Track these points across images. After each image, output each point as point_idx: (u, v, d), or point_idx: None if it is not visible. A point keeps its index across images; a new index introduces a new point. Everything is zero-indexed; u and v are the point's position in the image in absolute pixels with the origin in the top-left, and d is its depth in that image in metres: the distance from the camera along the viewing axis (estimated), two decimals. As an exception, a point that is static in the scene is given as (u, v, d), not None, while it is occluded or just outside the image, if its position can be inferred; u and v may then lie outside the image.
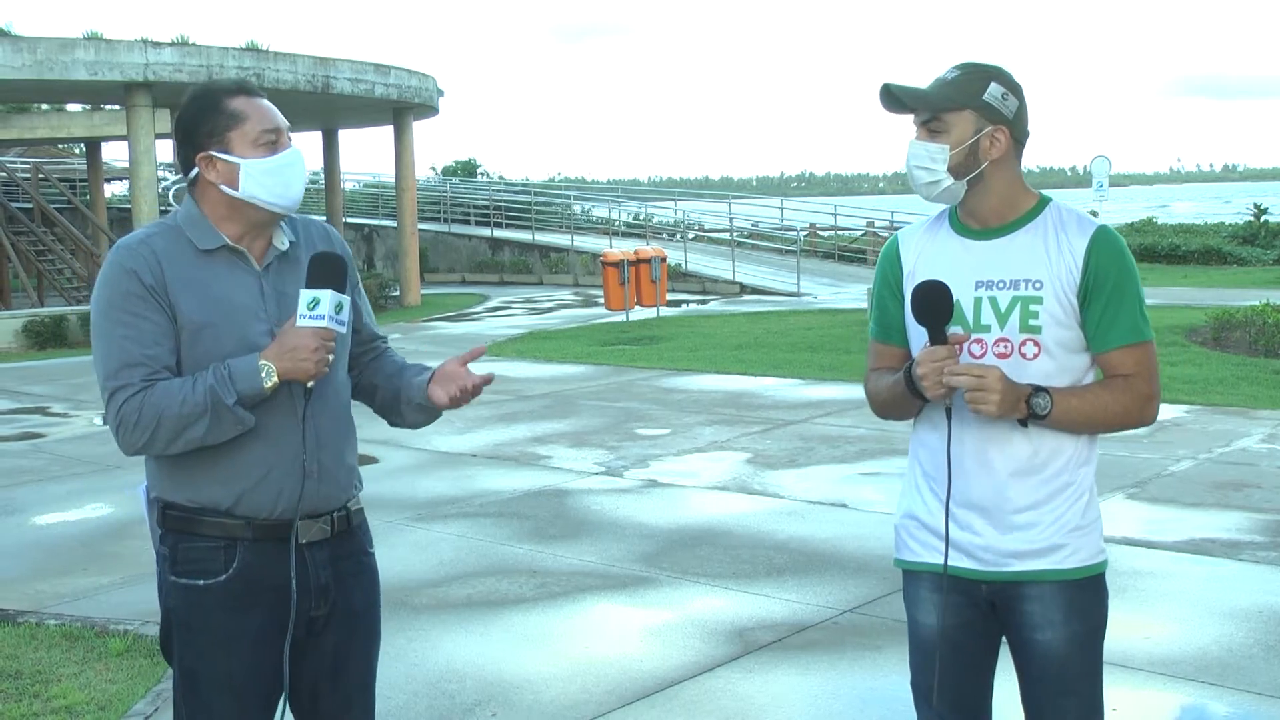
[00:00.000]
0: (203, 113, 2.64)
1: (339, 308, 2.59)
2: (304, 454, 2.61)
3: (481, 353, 2.84)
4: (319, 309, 2.55)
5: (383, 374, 2.91)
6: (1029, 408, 2.55)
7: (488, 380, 2.80)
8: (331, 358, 2.59)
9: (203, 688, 2.66)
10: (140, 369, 2.56)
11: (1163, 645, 5.03)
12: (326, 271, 2.59)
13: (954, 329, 2.58)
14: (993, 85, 2.61)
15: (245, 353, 2.58)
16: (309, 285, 2.58)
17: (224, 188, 2.62)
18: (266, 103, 2.68)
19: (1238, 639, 5.08)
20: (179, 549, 2.66)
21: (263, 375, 2.53)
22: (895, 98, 2.63)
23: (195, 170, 2.65)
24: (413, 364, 2.94)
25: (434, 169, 45.94)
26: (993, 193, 2.65)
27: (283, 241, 2.73)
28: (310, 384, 2.58)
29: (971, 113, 2.60)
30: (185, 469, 2.62)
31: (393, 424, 2.97)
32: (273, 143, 2.63)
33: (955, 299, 2.58)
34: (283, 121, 2.68)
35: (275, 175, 2.62)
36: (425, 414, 2.87)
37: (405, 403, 2.86)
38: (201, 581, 2.64)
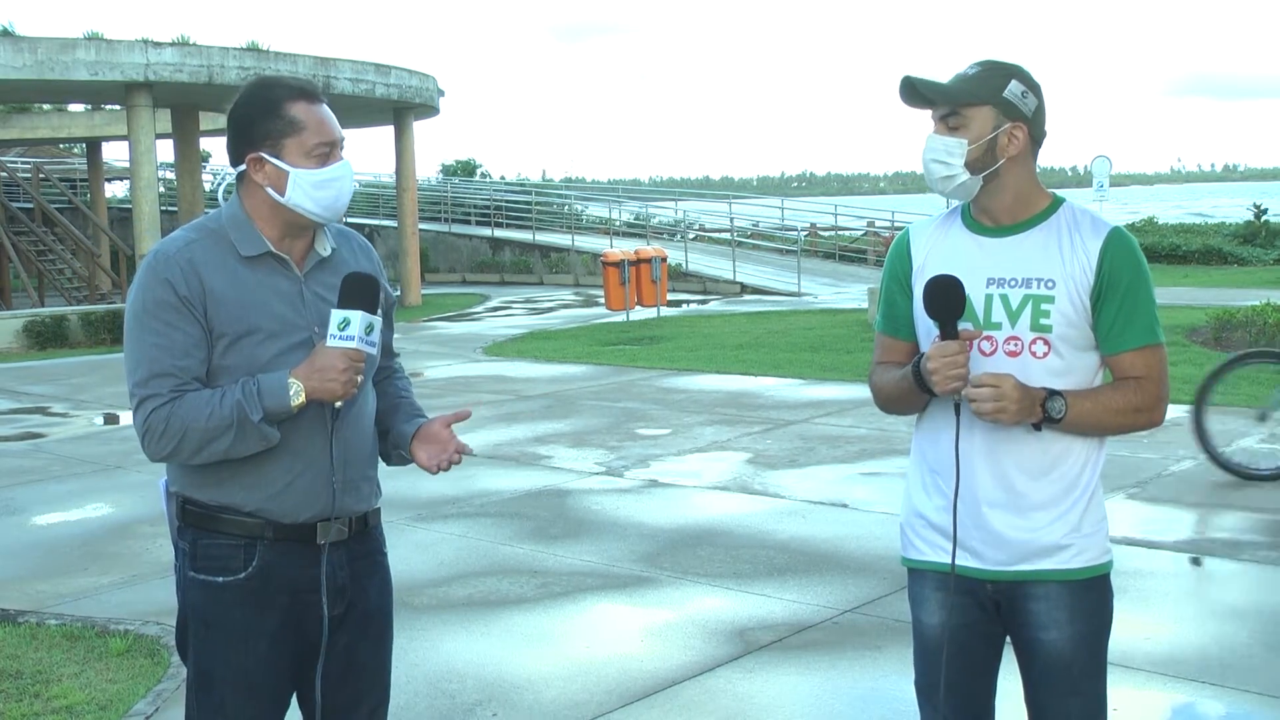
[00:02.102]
0: (261, 113, 2.62)
1: (369, 329, 2.59)
2: (332, 473, 2.63)
3: (467, 416, 2.88)
4: (349, 329, 2.56)
5: (384, 399, 2.92)
6: (1044, 411, 2.55)
7: (467, 451, 2.83)
8: (360, 379, 2.60)
9: (217, 685, 2.66)
10: (170, 379, 2.55)
11: (1163, 645, 5.03)
12: (359, 292, 2.59)
13: (965, 325, 2.57)
14: (1013, 83, 2.60)
15: (284, 360, 2.59)
16: (341, 305, 2.59)
17: (269, 190, 2.62)
18: (326, 112, 2.66)
19: (1238, 639, 5.08)
20: (199, 545, 2.66)
21: (291, 393, 2.54)
22: (916, 91, 2.62)
23: (243, 167, 2.65)
24: (407, 403, 2.95)
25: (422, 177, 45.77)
26: (1007, 190, 2.65)
27: (325, 248, 2.73)
28: (338, 404, 2.60)
29: (991, 109, 2.60)
30: (210, 469, 2.63)
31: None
32: (326, 154, 2.63)
33: (966, 295, 2.57)
34: (339, 134, 2.67)
35: (324, 188, 2.62)
36: (404, 461, 2.91)
37: (390, 444, 2.89)
38: (221, 579, 2.64)
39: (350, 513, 2.72)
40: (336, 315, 2.57)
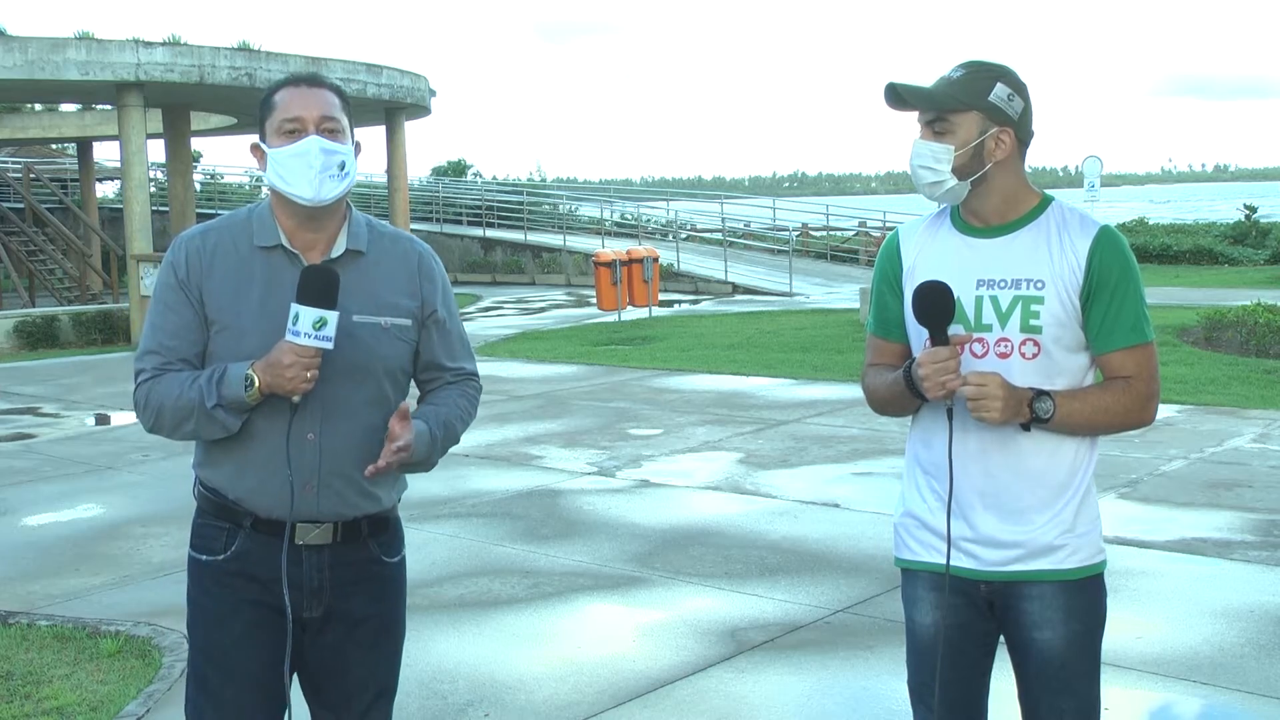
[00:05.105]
0: (260, 105, 2.73)
1: (319, 324, 2.55)
2: (289, 470, 2.60)
3: (405, 411, 2.68)
4: (297, 325, 2.55)
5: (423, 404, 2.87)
6: (1032, 411, 2.55)
7: (400, 448, 2.66)
8: (311, 375, 2.55)
9: (200, 659, 2.75)
10: (156, 357, 2.66)
11: (1155, 645, 5.04)
12: (311, 287, 2.57)
13: (955, 329, 2.57)
14: (998, 86, 2.59)
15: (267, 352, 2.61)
16: (297, 300, 2.56)
17: (262, 174, 2.74)
18: (308, 92, 2.66)
19: (1229, 638, 5.09)
20: (196, 523, 2.77)
21: (245, 385, 2.56)
22: (900, 97, 2.62)
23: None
24: (428, 409, 2.86)
25: (419, 179, 45.63)
26: (996, 192, 2.64)
27: (339, 246, 2.70)
28: (296, 399, 2.58)
29: (977, 114, 2.59)
30: (210, 453, 2.71)
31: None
32: (292, 131, 2.64)
33: (956, 298, 2.57)
34: (313, 112, 2.64)
35: (285, 164, 2.63)
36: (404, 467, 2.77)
37: None
38: (204, 557, 2.73)
39: (331, 516, 2.70)
40: (291, 310, 2.56)
